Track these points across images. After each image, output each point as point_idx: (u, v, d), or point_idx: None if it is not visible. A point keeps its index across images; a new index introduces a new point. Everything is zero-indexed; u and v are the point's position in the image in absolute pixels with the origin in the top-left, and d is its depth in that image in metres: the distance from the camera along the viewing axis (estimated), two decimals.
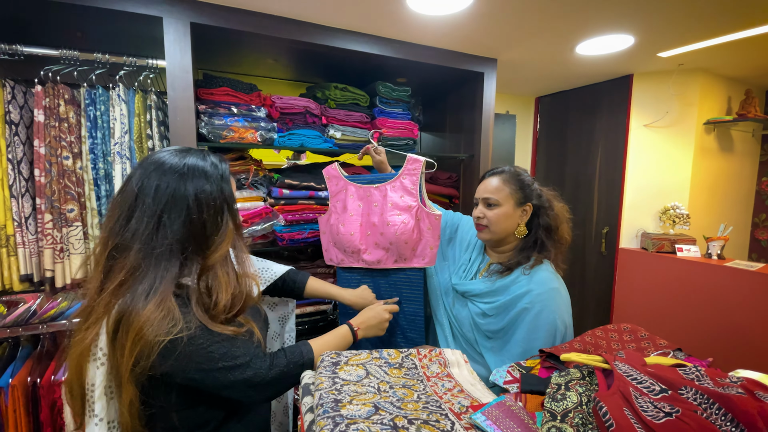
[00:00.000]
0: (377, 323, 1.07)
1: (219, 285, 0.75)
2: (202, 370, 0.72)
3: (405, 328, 1.33)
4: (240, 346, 0.76)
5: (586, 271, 2.62)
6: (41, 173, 1.23)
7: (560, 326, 1.10)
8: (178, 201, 0.72)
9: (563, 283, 1.18)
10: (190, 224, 0.73)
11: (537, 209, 1.20)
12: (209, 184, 0.76)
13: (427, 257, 1.29)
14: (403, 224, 1.24)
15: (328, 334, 0.97)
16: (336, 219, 1.33)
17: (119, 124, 1.28)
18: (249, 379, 0.75)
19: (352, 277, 1.36)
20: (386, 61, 1.66)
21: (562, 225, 1.22)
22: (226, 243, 0.76)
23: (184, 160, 0.76)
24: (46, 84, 1.22)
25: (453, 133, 2.08)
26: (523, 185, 1.19)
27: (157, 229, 0.71)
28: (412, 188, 1.27)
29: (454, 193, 2.01)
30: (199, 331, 0.71)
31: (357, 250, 1.30)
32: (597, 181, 2.52)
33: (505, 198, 1.17)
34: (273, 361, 0.80)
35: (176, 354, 0.69)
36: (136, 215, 0.72)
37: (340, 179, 1.34)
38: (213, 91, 1.46)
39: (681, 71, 2.22)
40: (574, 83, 2.53)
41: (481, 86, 1.82)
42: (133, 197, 0.73)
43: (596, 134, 2.51)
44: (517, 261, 1.18)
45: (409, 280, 1.31)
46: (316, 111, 1.66)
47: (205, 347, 0.71)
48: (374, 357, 0.84)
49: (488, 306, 1.17)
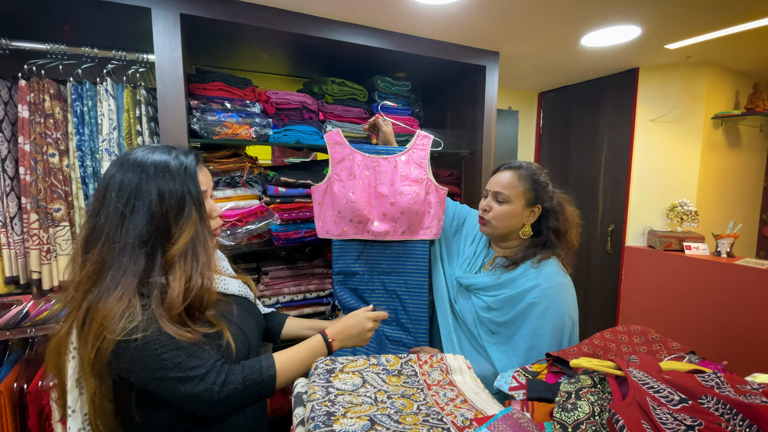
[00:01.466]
0: (358, 333, 0.97)
1: (174, 277, 0.73)
2: (154, 377, 0.70)
3: (407, 302, 1.31)
4: (198, 355, 0.72)
5: (591, 270, 2.56)
6: (26, 171, 1.18)
7: (568, 322, 1.06)
8: (140, 195, 0.73)
9: (570, 279, 1.15)
10: (152, 218, 0.73)
11: (546, 212, 1.16)
12: (171, 177, 0.76)
13: (434, 229, 1.31)
14: (416, 194, 1.26)
15: (298, 346, 0.89)
16: (342, 187, 1.28)
17: (107, 120, 1.24)
18: (199, 394, 0.71)
19: (351, 248, 1.33)
20: (385, 55, 1.60)
21: (572, 230, 1.18)
22: (186, 235, 0.75)
23: (149, 156, 0.77)
24: (31, 79, 1.18)
25: (454, 129, 2.03)
26: (537, 186, 1.15)
27: (121, 224, 0.72)
28: (421, 162, 1.30)
29: (456, 190, 1.96)
30: (156, 334, 0.70)
31: (365, 219, 1.27)
32: (602, 178, 2.47)
33: (516, 196, 1.14)
34: (228, 377, 0.74)
35: (129, 355, 0.68)
36: (103, 211, 0.73)
37: (345, 146, 1.30)
38: (206, 86, 1.41)
39: (688, 64, 2.16)
40: (578, 78, 2.48)
41: (482, 80, 1.77)
42: (102, 193, 0.75)
43: (601, 130, 2.46)
44: (523, 256, 1.15)
45: (414, 252, 1.32)
46: (313, 106, 1.61)
47: (159, 354, 0.69)
48: (372, 363, 0.79)
49: (492, 299, 1.14)
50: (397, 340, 1.31)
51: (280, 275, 1.57)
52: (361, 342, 0.98)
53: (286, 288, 1.56)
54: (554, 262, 1.12)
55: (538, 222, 1.18)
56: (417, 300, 1.30)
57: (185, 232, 0.75)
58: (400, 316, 1.31)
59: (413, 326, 1.31)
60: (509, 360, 1.08)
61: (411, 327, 1.31)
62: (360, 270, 1.33)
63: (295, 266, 1.64)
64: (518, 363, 1.04)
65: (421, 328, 1.30)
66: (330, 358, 0.79)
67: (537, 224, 1.19)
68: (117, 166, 0.76)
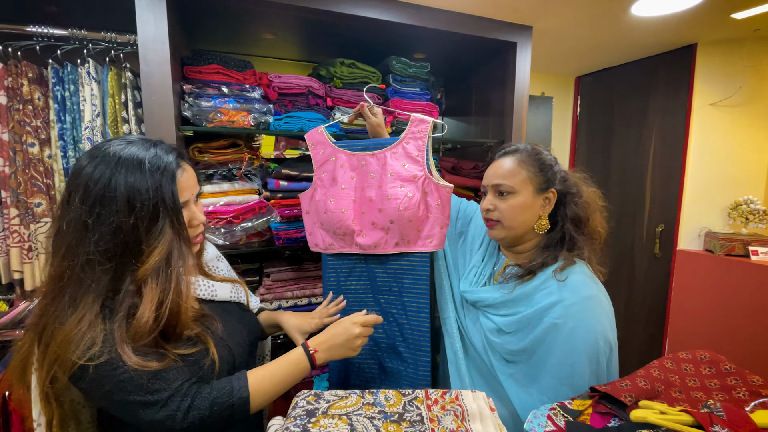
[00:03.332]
0: (344, 342, 0.83)
1: (144, 300, 0.64)
2: (113, 400, 0.63)
3: (405, 328, 1.10)
4: (161, 377, 0.64)
5: (635, 277, 2.28)
6: (5, 163, 1.09)
7: (603, 346, 0.84)
8: (105, 202, 0.63)
9: (602, 288, 0.91)
10: (119, 229, 0.63)
11: (562, 196, 0.94)
12: (143, 180, 0.65)
13: (436, 239, 1.06)
14: (407, 198, 1.02)
15: (277, 361, 0.77)
16: (323, 194, 1.11)
17: (89, 106, 1.12)
18: (161, 422, 0.64)
19: (341, 265, 1.14)
20: (401, 31, 1.42)
21: (594, 215, 0.95)
22: (158, 252, 0.64)
23: (123, 151, 0.66)
24: (9, 62, 1.08)
25: (480, 116, 1.82)
26: (544, 166, 0.93)
27: (84, 235, 0.63)
28: (417, 155, 1.04)
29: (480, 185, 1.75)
30: (115, 353, 0.62)
31: (349, 231, 1.08)
32: (650, 171, 2.18)
33: (523, 183, 0.92)
34: (193, 402, 0.65)
35: (87, 378, 0.62)
36: (66, 216, 0.64)
37: (327, 145, 1.12)
38: (201, 69, 1.28)
39: (757, 38, 1.85)
40: (623, 57, 2.19)
41: (513, 59, 1.55)
42: (66, 195, 0.65)
43: (650, 116, 2.17)
44: (541, 262, 0.93)
45: (413, 267, 1.08)
46: (320, 91, 1.45)
47: (118, 374, 0.62)
48: (366, 403, 0.62)
49: (505, 320, 0.92)
50: (396, 372, 1.12)
51: (283, 277, 1.43)
52: (351, 352, 0.84)
53: (289, 292, 1.42)
54: (581, 269, 0.90)
55: (554, 212, 0.96)
56: (416, 325, 1.09)
57: (158, 248, 0.65)
58: (398, 344, 1.11)
59: (412, 356, 1.09)
60: (531, 397, 0.87)
61: (410, 357, 1.10)
62: (353, 287, 1.15)
63: (300, 268, 1.49)
64: (543, 402, 0.84)
65: (422, 359, 1.09)
66: (314, 393, 0.63)
67: (553, 215, 0.96)
68: (88, 158, 0.67)
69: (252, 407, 0.70)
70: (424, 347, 1.09)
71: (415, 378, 1.11)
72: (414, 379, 1.11)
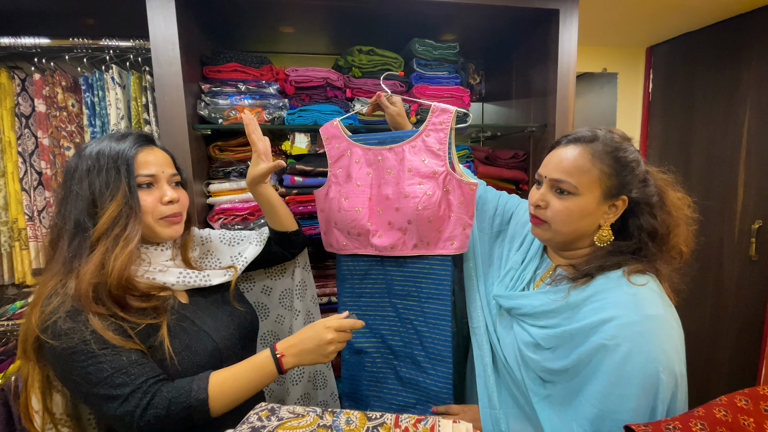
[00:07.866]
0: (314, 347, 0.77)
1: (90, 260, 0.68)
2: (80, 391, 0.66)
3: (425, 336, 1.01)
4: (127, 371, 0.66)
5: (723, 284, 1.89)
6: (47, 165, 1.19)
7: (665, 379, 0.66)
8: (74, 175, 0.72)
9: (672, 309, 0.73)
10: (80, 199, 0.71)
11: (636, 205, 0.76)
12: (104, 148, 0.73)
13: (458, 241, 0.97)
14: (427, 196, 0.93)
15: (242, 363, 0.75)
16: (337, 191, 1.05)
17: (114, 110, 1.19)
18: (120, 417, 0.64)
19: (356, 266, 1.08)
20: (427, 10, 1.29)
21: (677, 229, 0.76)
22: (108, 214, 0.69)
23: (99, 140, 0.76)
24: (45, 72, 1.17)
25: (521, 98, 1.63)
26: (621, 167, 0.75)
27: (64, 208, 0.72)
28: (438, 148, 0.95)
29: (521, 176, 1.57)
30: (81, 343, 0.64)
31: (364, 231, 1.01)
32: (743, 157, 1.78)
33: (589, 184, 0.75)
34: (152, 400, 0.65)
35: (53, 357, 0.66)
36: (56, 199, 0.76)
37: (342, 139, 1.06)
38: (220, 68, 1.29)
39: None
40: (707, 18, 1.81)
41: (555, 30, 1.34)
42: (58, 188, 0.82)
43: (742, 89, 1.77)
44: (599, 265, 0.76)
45: (433, 271, 0.99)
46: (338, 82, 1.38)
47: (84, 365, 0.64)
48: (322, 425, 0.54)
49: (543, 332, 0.78)
50: (413, 383, 1.04)
51: None
52: (322, 358, 0.78)
53: None
54: (648, 282, 0.73)
55: (623, 219, 0.79)
56: (437, 333, 0.99)
57: (108, 210, 0.71)
58: (416, 353, 1.02)
59: (432, 366, 1.00)
60: (567, 427, 0.73)
61: (429, 367, 1.01)
62: (368, 290, 1.08)
63: (322, 264, 1.46)
64: None
65: (443, 370, 0.99)
66: (268, 408, 0.57)
67: (621, 223, 0.79)
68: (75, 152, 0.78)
69: (212, 410, 0.68)
70: (445, 357, 1.00)
71: (434, 390, 1.02)
72: (433, 392, 1.02)
